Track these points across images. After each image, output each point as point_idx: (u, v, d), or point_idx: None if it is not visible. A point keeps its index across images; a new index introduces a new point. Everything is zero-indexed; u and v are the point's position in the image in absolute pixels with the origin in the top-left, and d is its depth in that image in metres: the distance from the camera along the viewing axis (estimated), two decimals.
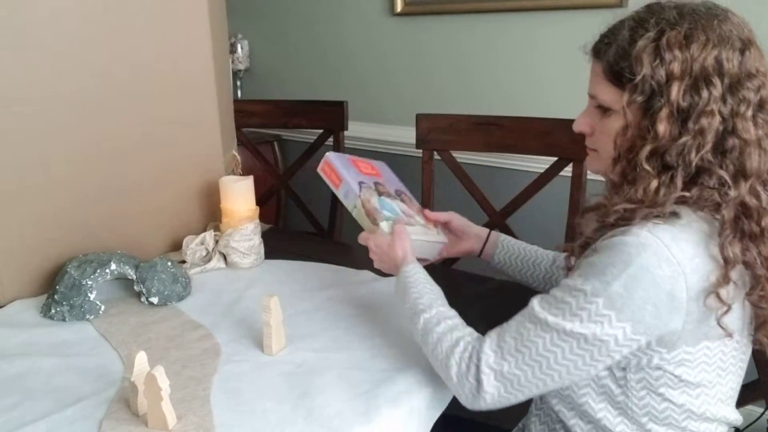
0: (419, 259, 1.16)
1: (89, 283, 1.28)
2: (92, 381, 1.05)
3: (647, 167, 0.86)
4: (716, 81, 0.83)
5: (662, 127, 0.84)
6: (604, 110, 0.93)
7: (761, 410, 1.13)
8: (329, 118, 2.11)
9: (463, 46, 2.32)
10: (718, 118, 0.83)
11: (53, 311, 1.28)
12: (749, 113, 0.84)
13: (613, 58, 0.89)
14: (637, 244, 0.82)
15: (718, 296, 0.83)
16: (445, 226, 1.36)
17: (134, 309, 1.32)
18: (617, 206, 0.87)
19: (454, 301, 1.07)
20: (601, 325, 0.84)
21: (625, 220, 0.86)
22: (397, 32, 2.48)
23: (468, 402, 0.95)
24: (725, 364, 0.93)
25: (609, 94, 0.91)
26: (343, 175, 1.25)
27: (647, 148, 0.86)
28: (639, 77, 0.85)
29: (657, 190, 0.86)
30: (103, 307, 1.30)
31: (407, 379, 1.05)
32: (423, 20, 2.41)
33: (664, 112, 0.84)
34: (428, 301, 1.04)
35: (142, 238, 1.53)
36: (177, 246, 1.58)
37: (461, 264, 1.66)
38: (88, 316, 1.28)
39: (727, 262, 0.83)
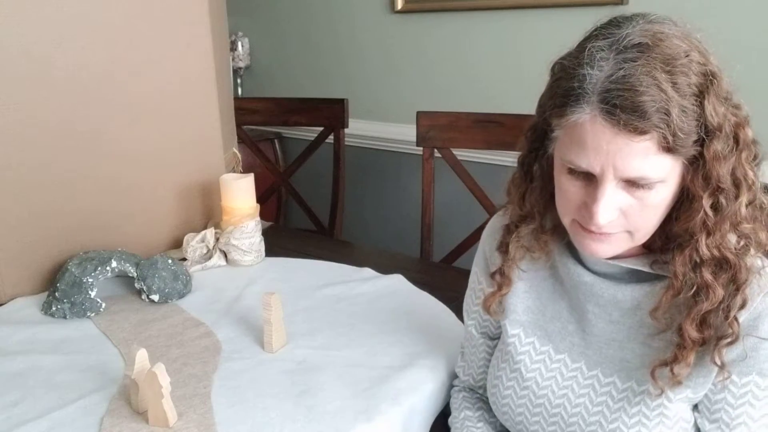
0: None
1: (90, 280, 1.29)
2: (93, 378, 1.06)
3: (747, 216, 0.73)
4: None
5: (750, 171, 0.72)
6: (642, 186, 0.71)
7: None
8: (330, 116, 2.11)
9: (464, 43, 2.32)
10: None
11: (54, 309, 1.28)
12: None
13: (676, 124, 0.66)
14: None
15: None
16: None
17: (135, 306, 1.32)
18: (745, 265, 0.72)
19: (454, 299, 1.08)
20: None
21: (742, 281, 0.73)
22: (398, 30, 2.48)
23: None
24: None
25: (662, 168, 0.69)
26: None
27: (745, 197, 0.72)
28: (715, 128, 0.69)
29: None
30: (103, 305, 1.30)
31: (408, 377, 1.05)
32: (423, 18, 2.41)
33: (744, 154, 0.71)
34: None
35: (142, 236, 1.53)
36: (178, 243, 1.58)
37: (461, 262, 1.66)
38: (88, 314, 1.28)
39: None
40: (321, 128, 2.14)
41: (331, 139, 2.12)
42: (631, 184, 0.70)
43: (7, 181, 1.32)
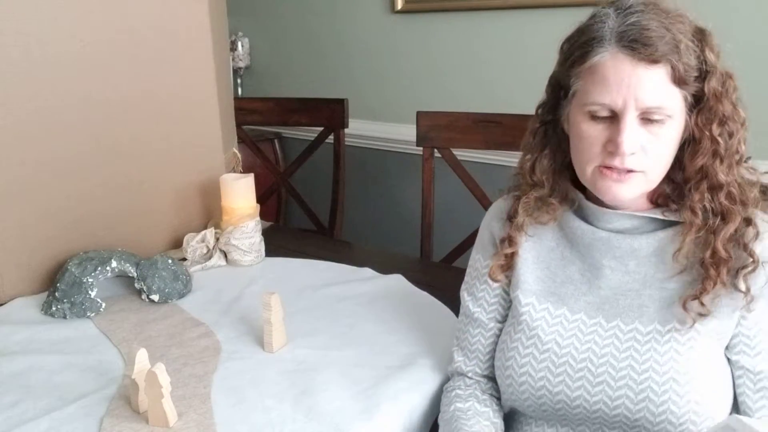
0: None
1: (90, 280, 1.29)
2: (93, 378, 1.06)
3: (742, 150, 0.84)
4: None
5: (741, 110, 0.84)
6: (656, 121, 0.81)
7: None
8: (330, 116, 2.11)
9: (464, 43, 2.32)
10: None
11: (54, 309, 1.28)
12: None
13: (683, 56, 0.79)
14: None
15: None
16: None
17: (135, 306, 1.32)
18: (749, 209, 0.83)
19: (454, 299, 1.08)
20: None
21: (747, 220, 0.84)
22: (398, 30, 2.48)
23: None
24: None
25: (674, 100, 0.81)
26: None
27: (741, 134, 0.84)
28: (713, 65, 0.81)
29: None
30: (103, 305, 1.30)
31: (408, 376, 1.05)
32: (423, 18, 2.41)
33: (735, 95, 0.83)
34: None
35: (142, 236, 1.53)
36: (178, 244, 1.58)
37: (461, 262, 1.66)
38: (88, 314, 1.28)
39: None
40: (321, 128, 2.14)
41: (331, 139, 2.12)
42: (647, 120, 0.80)
43: (8, 182, 1.32)
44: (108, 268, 1.31)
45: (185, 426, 0.93)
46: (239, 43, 2.94)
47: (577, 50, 0.83)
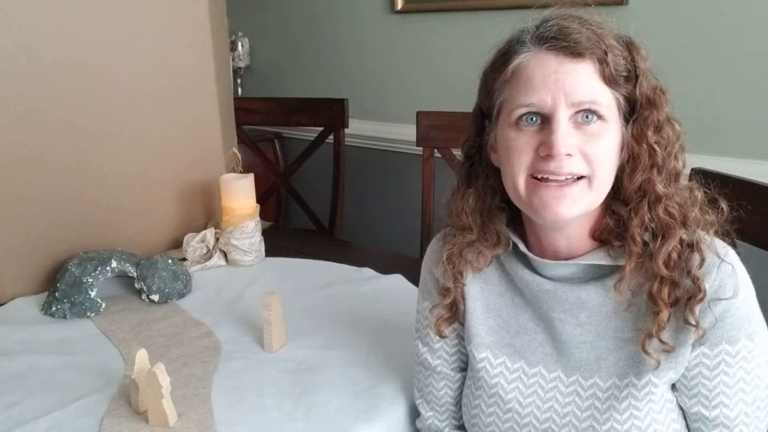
0: None
1: (90, 280, 1.29)
2: (93, 378, 1.06)
3: (679, 167, 0.78)
4: None
5: (676, 124, 0.78)
6: (590, 122, 0.75)
7: None
8: (330, 116, 2.11)
9: (464, 43, 2.32)
10: None
11: (54, 309, 1.28)
12: None
13: (610, 53, 0.74)
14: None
15: None
16: None
17: (135, 306, 1.32)
18: (691, 231, 0.77)
19: None
20: None
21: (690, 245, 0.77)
22: (398, 30, 2.48)
23: None
24: None
25: (606, 98, 0.75)
26: None
27: (677, 148, 0.78)
28: (641, 70, 0.76)
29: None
30: (103, 305, 1.30)
31: (408, 376, 1.05)
32: (423, 18, 2.40)
33: (668, 109, 0.77)
34: None
35: (142, 236, 1.53)
36: (178, 244, 1.58)
37: None
38: (88, 314, 1.28)
39: None
40: (321, 128, 2.14)
41: (331, 139, 2.12)
42: (580, 123, 0.74)
43: (8, 182, 1.32)
44: (108, 268, 1.31)
45: (185, 426, 0.93)
46: (239, 43, 2.94)
47: (499, 59, 0.79)
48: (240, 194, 1.53)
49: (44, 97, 1.34)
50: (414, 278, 1.42)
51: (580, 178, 0.75)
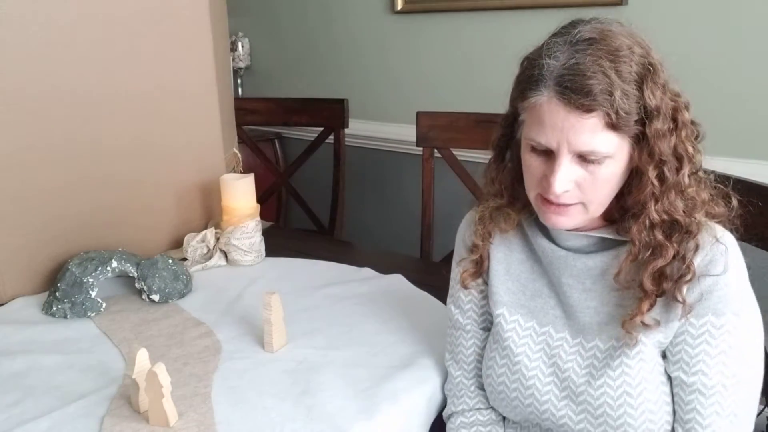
0: None
1: (90, 280, 1.29)
2: (94, 378, 1.06)
3: (691, 183, 0.84)
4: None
5: (690, 147, 0.83)
6: (592, 161, 0.81)
7: (761, 407, 1.13)
8: (330, 116, 2.11)
9: (464, 43, 2.32)
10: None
11: (55, 309, 1.28)
12: None
13: (619, 104, 0.77)
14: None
15: None
16: None
17: (135, 306, 1.32)
18: (695, 221, 0.84)
19: None
20: None
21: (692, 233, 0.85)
22: (398, 30, 2.48)
23: None
24: None
25: (610, 143, 0.80)
26: None
27: (687, 169, 0.83)
28: (654, 109, 0.80)
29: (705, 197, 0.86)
30: (104, 305, 1.30)
31: (408, 376, 1.05)
32: (423, 18, 2.41)
33: (684, 132, 0.83)
34: None
35: (143, 236, 1.53)
36: (178, 243, 1.58)
37: None
38: (89, 314, 1.28)
39: None
40: (321, 128, 2.14)
41: (331, 139, 2.12)
42: (583, 158, 0.81)
43: (8, 182, 1.32)
44: (108, 268, 1.31)
45: (185, 426, 0.93)
46: (239, 43, 2.94)
47: (523, 84, 0.84)
48: (240, 194, 1.53)
49: (45, 97, 1.34)
50: (414, 278, 1.42)
51: (578, 201, 0.84)
